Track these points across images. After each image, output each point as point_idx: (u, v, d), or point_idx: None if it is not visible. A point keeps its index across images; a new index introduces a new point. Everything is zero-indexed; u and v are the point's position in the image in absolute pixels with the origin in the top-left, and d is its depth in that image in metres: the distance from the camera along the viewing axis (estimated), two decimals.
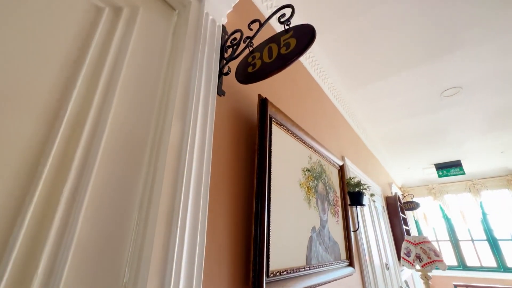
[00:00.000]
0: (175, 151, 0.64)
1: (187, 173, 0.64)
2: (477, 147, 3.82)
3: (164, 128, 0.67)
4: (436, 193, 5.36)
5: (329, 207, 1.37)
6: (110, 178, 0.55)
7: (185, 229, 0.58)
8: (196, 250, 0.59)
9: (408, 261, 2.13)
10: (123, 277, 0.52)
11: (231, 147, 0.88)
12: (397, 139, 3.52)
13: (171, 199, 0.59)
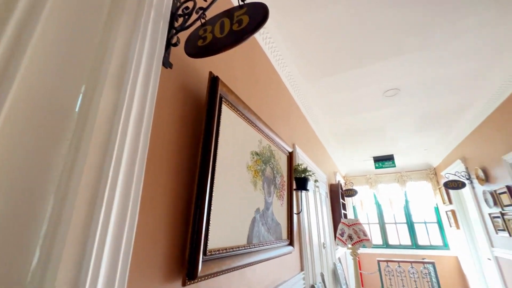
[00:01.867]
0: (106, 122, 0.58)
1: (118, 147, 0.58)
2: (407, 144, 4.40)
3: (93, 98, 0.59)
4: (372, 183, 6.07)
5: (275, 190, 1.43)
6: (17, 147, 0.46)
7: (112, 207, 0.54)
8: (124, 230, 0.56)
9: (341, 241, 2.39)
10: (32, 259, 0.46)
11: (177, 123, 0.83)
12: (345, 132, 3.83)
13: (97, 173, 0.54)
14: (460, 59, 2.14)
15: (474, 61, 2.18)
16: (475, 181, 3.58)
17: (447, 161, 4.64)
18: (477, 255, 4.10)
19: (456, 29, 1.82)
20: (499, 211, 3.03)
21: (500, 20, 1.75)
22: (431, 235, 5.49)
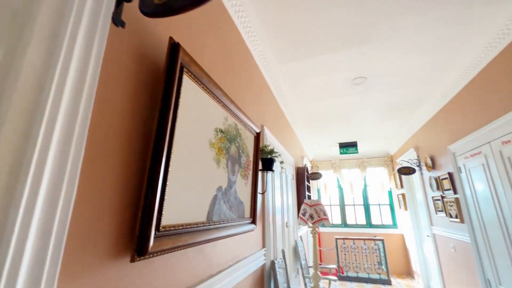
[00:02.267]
0: (34, 83, 0.49)
1: (52, 109, 0.50)
2: (369, 132, 4.68)
3: (15, 54, 0.50)
4: (336, 167, 6.42)
5: (240, 169, 1.42)
6: None
7: (41, 176, 0.47)
8: (59, 199, 0.50)
9: (303, 220, 2.52)
10: None
11: (132, 91, 0.75)
12: (315, 118, 3.93)
13: (22, 138, 0.46)
14: (423, 52, 2.27)
15: (436, 55, 2.33)
16: (423, 168, 3.97)
17: (403, 150, 5.05)
18: (419, 233, 4.65)
19: (422, 21, 1.90)
20: (440, 195, 3.42)
21: (459, 17, 1.86)
22: (383, 215, 6.07)
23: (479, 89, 2.39)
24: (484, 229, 2.51)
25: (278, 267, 2.00)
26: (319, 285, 2.37)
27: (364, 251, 5.33)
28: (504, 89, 2.04)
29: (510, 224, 2.12)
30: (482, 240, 2.57)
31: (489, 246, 2.46)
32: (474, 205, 2.64)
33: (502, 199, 2.19)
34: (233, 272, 1.33)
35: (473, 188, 2.64)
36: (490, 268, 2.47)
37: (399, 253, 5.63)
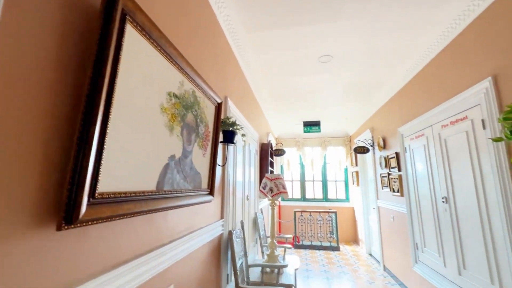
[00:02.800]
0: None
1: None
2: (332, 112, 4.87)
3: None
4: (299, 145, 6.67)
5: (197, 139, 1.36)
6: None
7: None
8: None
9: (263, 193, 2.60)
10: None
11: (58, 37, 0.63)
12: (282, 95, 3.93)
13: None
14: (387, 35, 2.33)
15: (398, 40, 2.42)
16: (376, 148, 4.32)
17: (360, 130, 5.41)
18: (367, 206, 5.18)
19: (391, 2, 1.93)
20: (387, 172, 3.79)
21: (423, 2, 1.92)
22: (338, 191, 6.60)
23: (428, 77, 2.59)
24: (418, 201, 2.87)
25: (236, 237, 2.06)
26: (274, 252, 2.53)
27: (319, 222, 5.80)
28: (448, 79, 2.23)
29: (439, 198, 2.45)
30: (415, 211, 2.95)
31: (420, 216, 2.84)
32: (413, 181, 2.99)
33: (435, 175, 2.50)
34: (188, 241, 1.33)
35: (414, 166, 2.96)
36: (419, 234, 2.88)
37: (349, 223, 6.26)
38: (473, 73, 1.93)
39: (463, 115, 2.04)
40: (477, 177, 1.91)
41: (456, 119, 2.14)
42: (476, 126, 1.91)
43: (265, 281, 2.23)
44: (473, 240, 1.98)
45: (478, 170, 1.89)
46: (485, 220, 1.84)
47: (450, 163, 2.25)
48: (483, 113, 1.81)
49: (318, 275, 3.92)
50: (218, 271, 1.87)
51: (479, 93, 1.84)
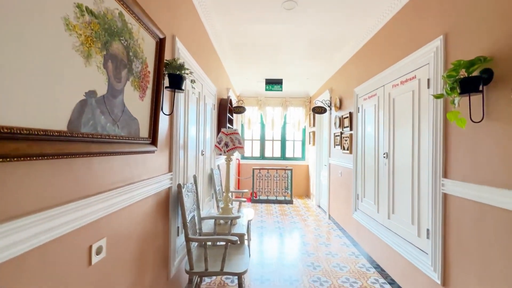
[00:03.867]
0: None
1: None
2: (294, 71, 4.77)
3: None
4: (261, 105, 6.58)
5: (132, 78, 1.14)
6: None
7: None
8: None
9: (218, 148, 2.51)
10: None
11: None
12: (243, 44, 3.63)
13: None
14: None
15: None
16: (333, 108, 4.45)
17: (320, 91, 5.48)
18: (320, 163, 5.55)
19: None
20: (340, 131, 3.99)
21: None
22: (295, 150, 6.90)
23: (386, 37, 2.58)
24: (364, 158, 3.12)
25: (187, 191, 1.99)
26: (229, 205, 2.57)
27: (275, 179, 6.11)
28: (403, 38, 2.24)
29: (381, 153, 2.66)
30: (360, 166, 3.22)
31: (364, 170, 3.11)
32: (362, 139, 3.19)
33: (381, 133, 2.68)
34: (126, 192, 1.20)
35: (364, 125, 3.13)
36: (361, 186, 3.20)
37: (302, 180, 6.74)
38: (426, 32, 1.95)
39: (412, 75, 2.12)
40: (415, 134, 2.08)
41: (406, 78, 2.22)
42: (422, 85, 2.00)
43: (217, 231, 2.28)
44: (403, 189, 2.24)
45: (417, 127, 2.05)
46: (416, 173, 2.06)
47: (395, 121, 2.40)
48: (430, 73, 1.88)
49: (272, 225, 4.23)
50: (167, 223, 1.82)
51: (430, 52, 1.88)
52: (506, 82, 1.30)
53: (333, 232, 3.93)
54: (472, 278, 1.51)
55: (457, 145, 1.63)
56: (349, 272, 2.67)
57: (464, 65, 1.41)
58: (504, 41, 1.33)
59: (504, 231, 1.31)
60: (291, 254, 3.10)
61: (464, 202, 1.57)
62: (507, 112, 1.30)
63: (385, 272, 2.55)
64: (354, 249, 3.25)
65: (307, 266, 2.77)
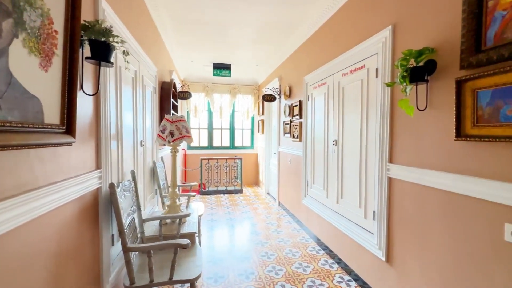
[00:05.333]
0: None
1: None
2: (243, 56, 4.56)
3: None
4: (208, 91, 6.19)
5: (25, 35, 0.77)
6: None
7: None
8: None
9: (162, 137, 2.16)
10: None
11: None
12: (187, 22, 3.22)
13: None
14: None
15: None
16: (282, 96, 4.45)
17: (269, 79, 5.44)
18: (269, 152, 5.59)
19: None
20: (290, 120, 4.03)
21: None
22: (244, 138, 6.81)
23: (336, 26, 2.61)
24: (313, 145, 3.19)
25: (123, 190, 1.64)
26: (176, 202, 2.28)
27: (225, 169, 5.92)
28: (354, 27, 2.28)
29: (331, 141, 2.74)
30: (310, 153, 3.30)
31: (314, 157, 3.20)
32: (311, 127, 3.25)
33: (330, 121, 2.75)
34: (21, 205, 0.84)
35: (314, 113, 3.19)
36: (310, 173, 3.29)
37: (252, 168, 6.74)
38: (376, 22, 2.00)
39: (362, 64, 2.18)
40: (363, 121, 2.16)
41: (355, 67, 2.27)
42: (370, 74, 2.07)
43: (164, 233, 1.99)
44: (351, 175, 2.35)
45: (365, 115, 2.14)
46: (363, 159, 2.17)
47: (344, 109, 2.47)
48: (379, 62, 1.95)
49: (222, 216, 4.07)
50: (97, 233, 1.46)
51: (378, 42, 1.94)
52: (447, 73, 1.39)
53: (284, 218, 4.02)
54: (412, 253, 1.65)
55: (402, 132, 1.74)
56: (301, 257, 2.74)
57: (414, 54, 1.45)
58: (445, 33, 1.41)
59: (441, 210, 1.44)
60: (244, 245, 3.02)
61: (407, 185, 1.69)
62: (447, 101, 1.40)
63: (333, 253, 2.70)
64: (304, 233, 3.37)
65: (261, 257, 2.73)
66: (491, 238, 1.18)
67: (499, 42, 1.13)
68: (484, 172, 1.21)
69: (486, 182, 1.19)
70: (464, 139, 1.27)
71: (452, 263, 1.37)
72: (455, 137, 1.30)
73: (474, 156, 1.26)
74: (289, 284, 2.22)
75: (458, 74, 1.32)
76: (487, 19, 1.18)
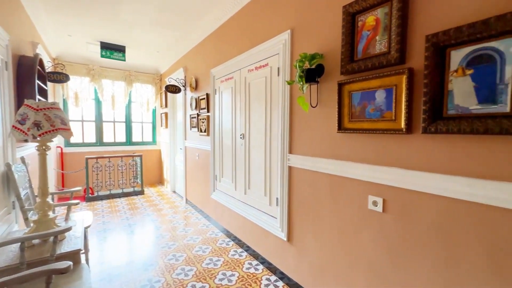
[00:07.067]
0: None
1: None
2: (141, 39, 4.01)
3: None
4: (95, 75, 5.11)
5: None
6: None
7: None
8: None
9: (20, 130, 1.59)
10: None
11: None
12: None
13: None
14: None
15: None
16: (188, 88, 4.22)
17: (173, 69, 5.04)
18: (174, 147, 5.23)
19: None
20: (197, 113, 3.88)
21: None
22: (145, 133, 6.08)
23: (244, 21, 2.69)
24: (221, 139, 3.20)
25: None
26: (48, 215, 1.74)
27: (120, 168, 5.10)
28: (260, 25, 2.41)
29: (238, 134, 2.82)
30: (218, 148, 3.29)
31: (222, 152, 3.21)
32: (219, 121, 3.24)
33: (237, 115, 2.82)
34: None
35: (221, 107, 3.19)
36: (219, 167, 3.29)
37: (155, 166, 6.13)
38: (279, 23, 2.17)
39: (266, 62, 2.33)
40: (267, 116, 2.33)
41: (260, 65, 2.41)
42: (273, 72, 2.24)
43: (29, 259, 1.48)
44: (258, 166, 2.50)
45: (269, 110, 2.31)
46: (268, 151, 2.34)
47: (250, 104, 2.59)
48: (280, 62, 2.13)
49: (119, 224, 3.50)
50: None
51: (280, 43, 2.12)
52: (332, 76, 1.68)
53: (192, 215, 3.87)
54: (309, 229, 1.93)
55: (300, 126, 1.98)
56: (212, 251, 2.72)
57: (308, 58, 1.67)
58: (331, 43, 1.68)
59: (328, 190, 1.74)
60: (148, 252, 2.70)
61: (304, 172, 1.95)
62: (332, 100, 1.68)
63: (242, 242, 2.82)
64: (214, 228, 3.36)
65: (168, 260, 2.52)
66: (360, 208, 1.53)
67: (365, 55, 1.44)
68: (355, 157, 1.54)
69: (357, 165, 1.51)
70: (343, 132, 1.56)
71: (337, 232, 1.69)
72: (337, 130, 1.58)
73: (349, 145, 1.57)
74: (200, 283, 2.15)
75: (339, 78, 1.60)
76: (358, 36, 1.49)
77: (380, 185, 1.41)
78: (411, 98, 1.24)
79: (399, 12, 1.25)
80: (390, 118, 1.32)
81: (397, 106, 1.29)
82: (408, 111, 1.24)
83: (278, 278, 2.21)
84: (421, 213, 1.24)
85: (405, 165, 1.29)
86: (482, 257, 1.03)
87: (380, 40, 1.36)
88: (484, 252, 1.03)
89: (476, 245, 1.05)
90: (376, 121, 1.39)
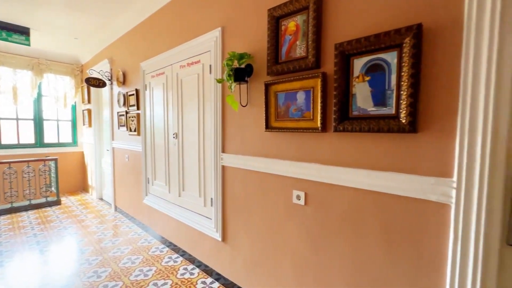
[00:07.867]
0: None
1: None
2: (52, 21, 3.39)
3: None
4: None
5: None
6: None
7: None
8: None
9: None
10: None
11: None
12: None
13: None
14: None
15: None
16: (115, 83, 3.78)
17: (96, 60, 4.43)
18: (100, 148, 4.62)
19: None
20: (125, 110, 3.50)
21: None
22: (62, 133, 5.19)
23: (175, 14, 2.53)
24: (153, 139, 2.97)
25: None
26: None
27: (27, 175, 4.22)
28: (191, 20, 2.31)
29: (171, 134, 2.66)
30: (150, 148, 3.04)
31: (154, 152, 2.98)
32: (151, 119, 3.00)
33: (170, 114, 2.65)
34: None
35: (152, 104, 2.95)
36: (151, 169, 3.05)
37: (77, 170, 5.30)
38: (210, 20, 2.12)
39: (197, 59, 2.25)
40: (200, 114, 2.25)
41: (192, 61, 2.31)
42: (205, 70, 2.18)
43: None
44: (192, 166, 2.40)
45: (202, 108, 2.24)
46: (202, 150, 2.27)
47: (183, 101, 2.46)
48: (212, 59, 2.09)
49: (21, 245, 2.88)
50: None
51: (211, 40, 2.07)
52: (260, 76, 1.72)
53: (121, 224, 3.48)
54: (241, 227, 1.94)
55: (231, 125, 1.97)
56: (142, 261, 2.49)
57: (237, 57, 1.67)
58: (259, 44, 1.72)
59: (258, 187, 1.79)
60: (61, 274, 2.30)
61: (236, 171, 1.96)
62: (260, 100, 1.73)
63: (177, 247, 2.67)
64: (146, 235, 3.09)
65: (87, 279, 2.20)
66: (286, 202, 1.61)
67: (288, 58, 1.53)
68: (282, 154, 1.62)
69: (283, 162, 1.59)
70: (270, 130, 1.62)
71: (265, 227, 1.75)
72: (265, 128, 1.64)
73: (276, 143, 1.64)
74: None
75: (266, 78, 1.66)
76: (282, 39, 1.56)
77: (303, 180, 1.52)
78: (325, 99, 1.36)
79: (314, 21, 1.36)
80: (309, 118, 1.43)
81: (314, 107, 1.40)
82: (323, 112, 1.36)
83: (214, 280, 2.17)
84: (335, 203, 1.38)
85: (322, 161, 1.42)
86: (380, 231, 1.21)
87: (300, 45, 1.46)
88: (381, 229, 1.21)
89: (376, 224, 1.22)
90: (298, 120, 1.48)
